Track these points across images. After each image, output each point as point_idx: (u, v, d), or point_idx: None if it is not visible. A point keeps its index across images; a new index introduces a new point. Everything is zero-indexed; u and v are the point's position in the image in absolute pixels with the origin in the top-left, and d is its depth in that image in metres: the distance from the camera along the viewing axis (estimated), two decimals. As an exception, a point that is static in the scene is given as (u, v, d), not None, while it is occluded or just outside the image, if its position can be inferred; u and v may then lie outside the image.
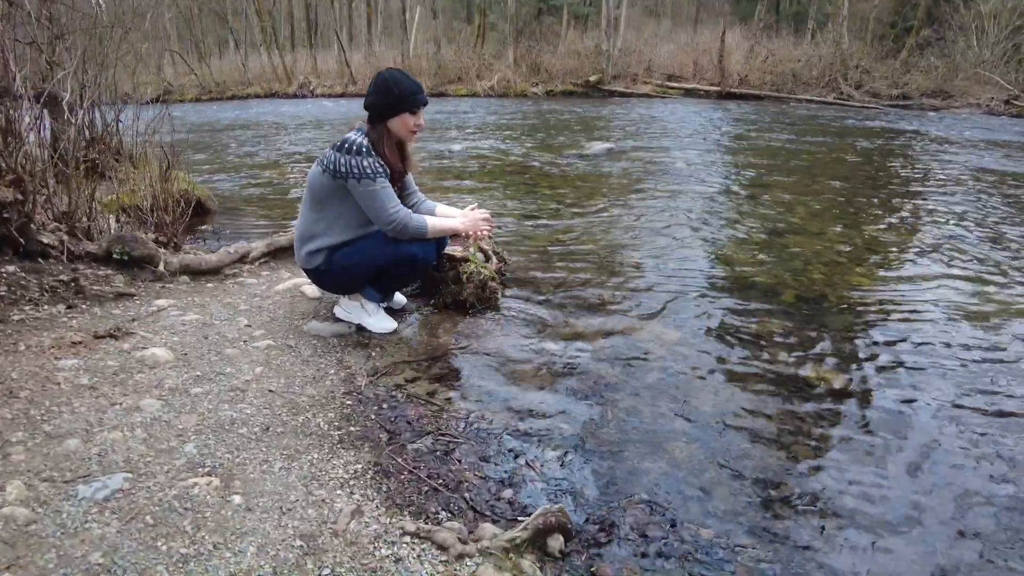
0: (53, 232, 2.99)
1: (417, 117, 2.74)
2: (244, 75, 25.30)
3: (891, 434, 2.27)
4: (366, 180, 2.60)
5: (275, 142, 10.22)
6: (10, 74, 2.83)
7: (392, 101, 2.67)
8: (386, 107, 2.68)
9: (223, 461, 1.90)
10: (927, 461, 2.13)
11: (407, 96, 2.67)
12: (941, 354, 2.86)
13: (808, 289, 3.62)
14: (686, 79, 20.75)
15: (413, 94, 2.69)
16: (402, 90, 2.66)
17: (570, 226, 4.92)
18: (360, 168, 2.60)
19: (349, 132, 2.74)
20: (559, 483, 1.98)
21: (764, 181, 6.77)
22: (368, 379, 2.51)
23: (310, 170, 2.78)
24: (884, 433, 2.27)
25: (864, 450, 2.18)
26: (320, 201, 2.73)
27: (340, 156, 2.62)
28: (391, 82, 2.67)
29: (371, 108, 2.71)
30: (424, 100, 2.73)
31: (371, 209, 2.66)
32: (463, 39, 26.77)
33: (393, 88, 2.66)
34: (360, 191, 2.62)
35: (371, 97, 2.70)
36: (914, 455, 2.15)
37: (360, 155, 2.61)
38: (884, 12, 22.12)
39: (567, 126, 12.00)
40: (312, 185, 2.74)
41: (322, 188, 2.70)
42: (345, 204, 2.70)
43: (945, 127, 12.47)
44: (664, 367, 2.73)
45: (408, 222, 2.69)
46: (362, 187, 2.61)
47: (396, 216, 2.66)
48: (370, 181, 2.61)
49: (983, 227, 4.96)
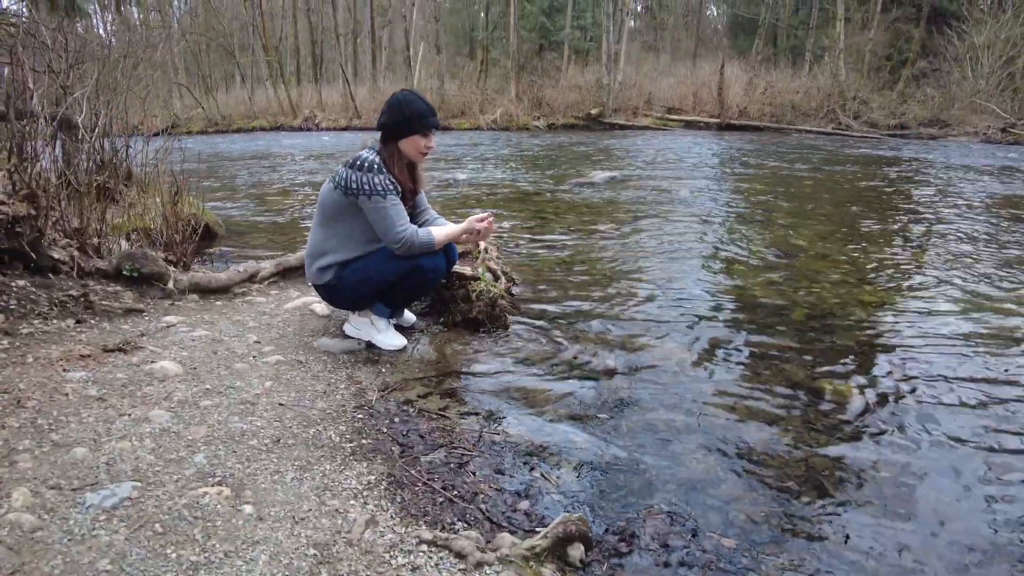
0: (64, 248, 2.99)
1: (428, 139, 2.77)
2: (250, 108, 25.70)
3: (907, 450, 2.23)
4: (376, 197, 2.62)
5: (280, 172, 10.32)
6: (28, 92, 2.87)
7: (403, 121, 2.69)
8: (398, 127, 2.71)
9: (234, 471, 1.86)
10: (945, 478, 2.08)
11: (419, 118, 2.70)
12: (955, 371, 2.83)
13: (818, 308, 3.59)
14: (686, 111, 21.04)
15: (425, 116, 2.71)
16: (414, 111, 2.69)
17: (577, 249, 4.92)
18: (371, 185, 2.61)
19: (361, 150, 2.76)
20: (576, 495, 1.94)
21: (768, 206, 6.80)
22: (379, 394, 2.48)
23: (322, 187, 2.80)
24: (901, 448, 2.23)
25: (882, 463, 2.14)
26: (331, 218, 2.74)
27: (352, 173, 2.64)
28: (404, 103, 2.70)
29: (384, 127, 2.73)
30: (436, 123, 2.76)
31: (380, 226, 2.66)
32: (466, 74, 27.28)
33: (406, 109, 2.69)
34: (370, 207, 2.63)
35: (384, 116, 2.72)
36: (931, 470, 2.11)
37: (371, 172, 2.63)
38: (880, 45, 22.52)
39: (570, 157, 12.12)
40: (323, 202, 2.75)
41: (333, 205, 2.71)
42: (356, 221, 2.71)
43: (944, 154, 12.57)
44: (676, 383, 2.69)
45: (415, 239, 2.68)
46: (372, 203, 2.62)
47: (403, 234, 2.66)
48: (380, 198, 2.62)
49: (989, 249, 4.95)
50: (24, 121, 2.87)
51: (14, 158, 2.79)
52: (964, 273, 4.29)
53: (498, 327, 3.18)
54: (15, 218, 2.67)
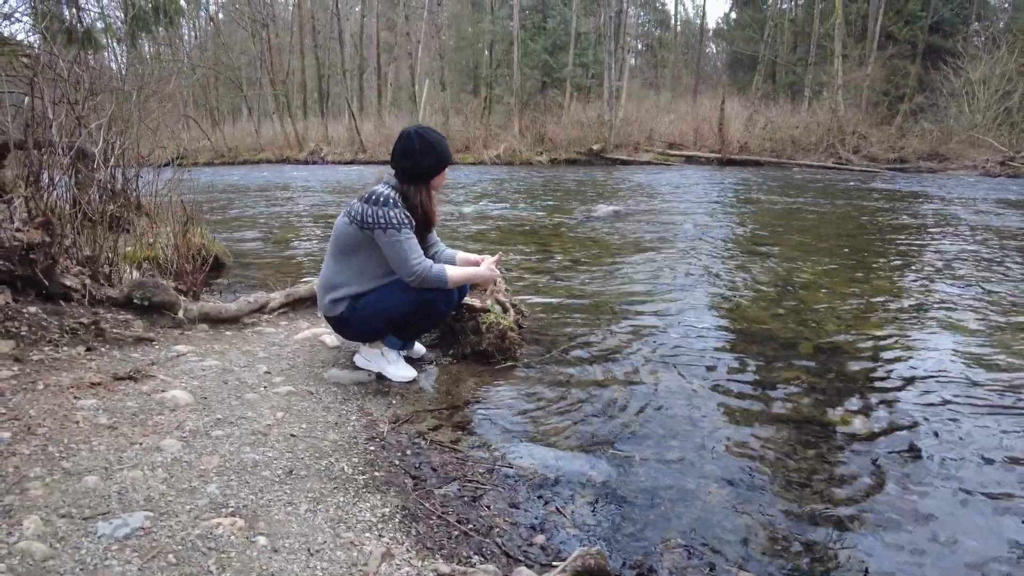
0: (76, 275, 3.01)
1: (442, 176, 2.87)
2: (256, 141, 26.03)
3: (922, 483, 2.20)
4: (392, 230, 2.64)
5: (287, 205, 10.40)
6: (47, 121, 2.91)
7: (435, 163, 2.79)
8: (432, 168, 2.80)
9: (247, 502, 1.84)
10: (962, 511, 2.05)
11: (446, 156, 2.81)
12: (965, 403, 2.80)
13: (825, 341, 3.58)
14: (687, 147, 21.29)
15: (449, 153, 2.83)
16: (443, 151, 2.80)
17: (584, 281, 4.93)
18: (387, 219, 2.64)
19: (376, 184, 2.81)
20: (591, 528, 1.91)
21: (772, 239, 6.83)
22: (390, 426, 2.46)
23: (336, 220, 2.82)
24: (915, 482, 2.20)
25: (896, 495, 2.11)
26: (346, 252, 2.76)
27: (368, 208, 2.67)
28: (431, 144, 2.77)
29: (411, 170, 2.78)
30: (450, 158, 2.86)
31: (394, 259, 2.69)
32: (470, 110, 27.70)
33: (434, 148, 2.77)
34: (386, 241, 2.65)
35: (412, 160, 2.76)
36: (946, 502, 2.08)
37: (387, 206, 2.66)
38: (877, 81, 22.93)
39: (573, 191, 12.23)
40: (338, 236, 2.77)
41: (347, 239, 2.73)
42: (371, 255, 2.73)
43: (945, 188, 12.68)
44: (687, 415, 2.67)
45: (428, 273, 2.70)
46: (388, 237, 2.65)
47: (418, 267, 2.68)
48: (395, 231, 2.65)
49: (995, 281, 4.95)
50: (42, 150, 2.90)
51: (31, 187, 2.82)
52: (970, 304, 4.28)
53: (507, 359, 3.17)
54: (30, 245, 2.69)
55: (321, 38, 32.14)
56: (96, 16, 8.53)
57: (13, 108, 4.12)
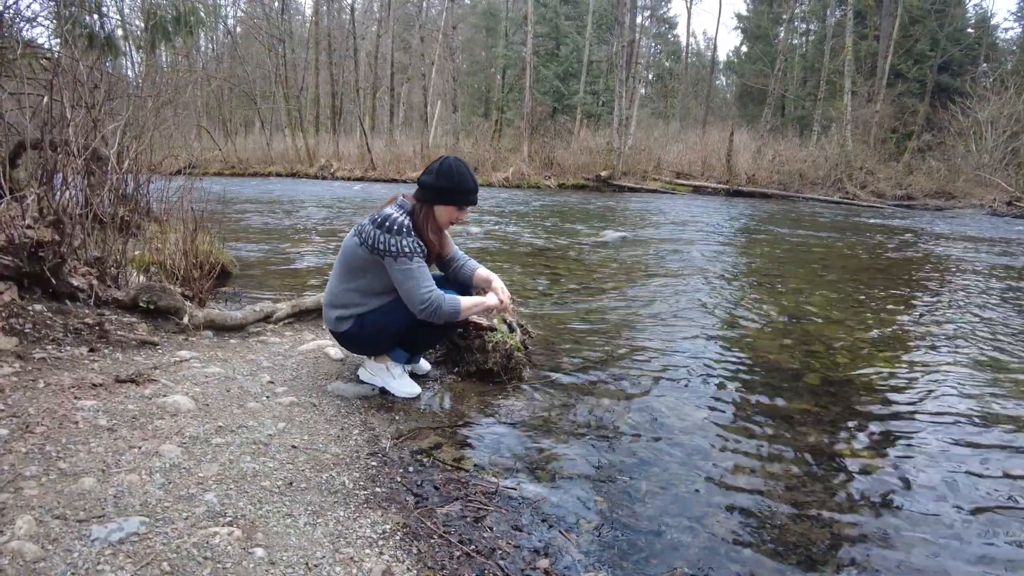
0: (83, 276, 2.99)
1: (463, 213, 2.81)
2: (267, 154, 26.22)
3: (930, 518, 2.15)
4: (403, 259, 2.60)
5: (294, 218, 10.43)
6: (65, 121, 2.92)
7: (449, 190, 2.71)
8: (442, 193, 2.72)
9: (245, 512, 1.79)
10: (970, 546, 2.00)
11: (464, 193, 2.74)
12: (973, 437, 2.76)
13: (833, 372, 3.54)
14: (694, 176, 21.38)
15: (470, 193, 2.76)
16: (462, 186, 2.72)
17: (591, 305, 4.90)
18: (399, 247, 2.60)
19: (389, 206, 2.75)
20: (596, 554, 1.86)
21: (779, 271, 6.81)
22: (393, 441, 2.42)
23: (346, 238, 2.77)
24: (922, 515, 2.16)
25: (903, 529, 2.07)
26: (353, 272, 2.72)
27: (380, 234, 2.62)
28: (457, 174, 2.71)
29: (427, 186, 2.72)
30: (475, 201, 2.82)
31: (404, 288, 2.63)
32: (481, 133, 27.94)
33: (455, 179, 2.71)
34: (396, 268, 2.62)
35: (432, 176, 2.71)
36: (955, 538, 2.03)
37: (400, 234, 2.61)
38: (885, 118, 23.09)
39: (580, 216, 12.26)
40: (346, 255, 2.73)
41: (356, 259, 2.69)
42: (379, 277, 2.69)
43: (952, 226, 12.68)
44: (693, 443, 2.63)
45: (440, 304, 2.63)
46: (398, 265, 2.61)
47: (429, 298, 2.62)
48: (407, 260, 2.61)
49: (1002, 317, 4.91)
50: (58, 151, 2.91)
51: (44, 186, 2.82)
52: (977, 339, 4.24)
53: (513, 379, 3.13)
54: (40, 243, 2.68)
55: (336, 55, 32.54)
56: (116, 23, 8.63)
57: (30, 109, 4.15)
